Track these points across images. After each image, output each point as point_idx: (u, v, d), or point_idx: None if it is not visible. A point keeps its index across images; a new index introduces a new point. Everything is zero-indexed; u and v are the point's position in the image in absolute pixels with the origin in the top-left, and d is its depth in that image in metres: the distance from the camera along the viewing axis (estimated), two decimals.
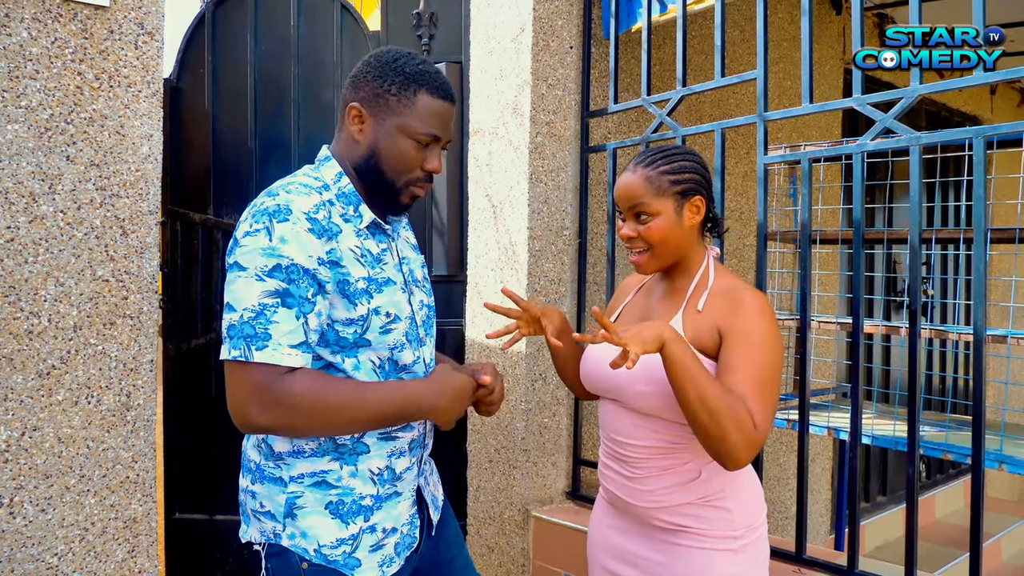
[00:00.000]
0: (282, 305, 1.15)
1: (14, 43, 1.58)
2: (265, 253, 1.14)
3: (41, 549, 1.62)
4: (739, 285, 1.45)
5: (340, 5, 2.61)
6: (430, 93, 1.26)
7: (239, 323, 1.14)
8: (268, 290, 1.14)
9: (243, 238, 1.17)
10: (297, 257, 1.15)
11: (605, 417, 1.55)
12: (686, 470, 1.43)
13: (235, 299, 1.15)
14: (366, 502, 1.27)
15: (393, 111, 1.26)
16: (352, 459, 1.27)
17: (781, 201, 3.15)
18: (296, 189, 1.21)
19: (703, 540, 1.41)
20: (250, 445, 1.32)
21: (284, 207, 1.17)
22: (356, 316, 1.22)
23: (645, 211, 1.43)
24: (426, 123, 1.26)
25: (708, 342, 1.40)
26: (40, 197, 1.62)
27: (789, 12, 3.45)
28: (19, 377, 1.59)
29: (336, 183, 1.28)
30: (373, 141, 1.27)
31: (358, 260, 1.24)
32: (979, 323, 1.59)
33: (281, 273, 1.14)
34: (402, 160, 1.27)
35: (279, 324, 1.14)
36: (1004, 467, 1.87)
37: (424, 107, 1.26)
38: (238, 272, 1.15)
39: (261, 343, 1.13)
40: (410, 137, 1.26)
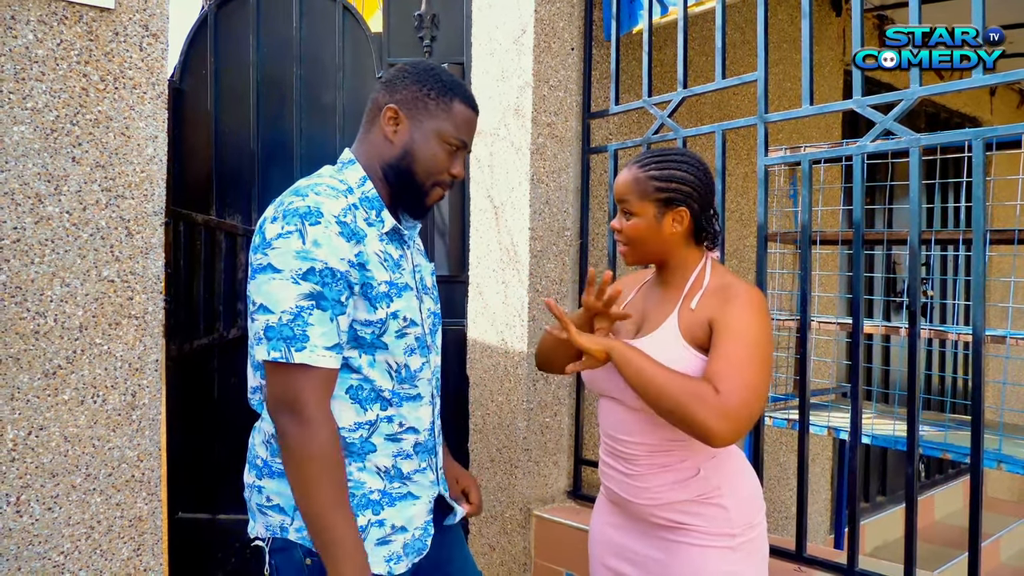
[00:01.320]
0: (317, 308, 1.18)
1: (20, 45, 1.60)
2: (299, 256, 1.17)
3: (47, 547, 1.63)
4: (735, 282, 1.46)
5: (342, 7, 2.62)
6: (464, 103, 1.34)
7: (278, 325, 1.17)
8: (304, 293, 1.17)
9: (275, 240, 1.19)
10: (330, 260, 1.18)
11: (604, 415, 1.56)
12: (684, 467, 1.44)
13: (272, 301, 1.18)
14: (375, 496, 1.29)
15: (431, 115, 1.32)
16: (360, 457, 1.29)
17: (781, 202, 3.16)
18: (325, 191, 1.24)
19: (701, 537, 1.42)
20: (258, 442, 1.34)
21: (315, 209, 1.20)
22: (375, 319, 1.25)
23: (628, 209, 1.48)
24: (459, 129, 1.33)
25: (701, 336, 1.42)
26: (46, 198, 1.63)
27: (789, 14, 3.46)
28: (25, 377, 1.60)
29: (360, 187, 1.31)
30: (408, 142, 1.32)
31: (381, 264, 1.27)
32: (978, 323, 1.60)
33: (315, 276, 1.17)
34: (434, 162, 1.32)
35: (315, 326, 1.18)
36: (1003, 466, 1.88)
37: (459, 114, 1.33)
38: (272, 274, 1.18)
39: (300, 344, 1.17)
40: (444, 141, 1.32)
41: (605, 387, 1.54)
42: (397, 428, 1.32)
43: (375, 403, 1.29)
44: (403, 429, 1.33)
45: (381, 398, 1.30)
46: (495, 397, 2.54)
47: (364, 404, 1.29)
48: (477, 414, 2.61)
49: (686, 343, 1.42)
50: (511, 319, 2.49)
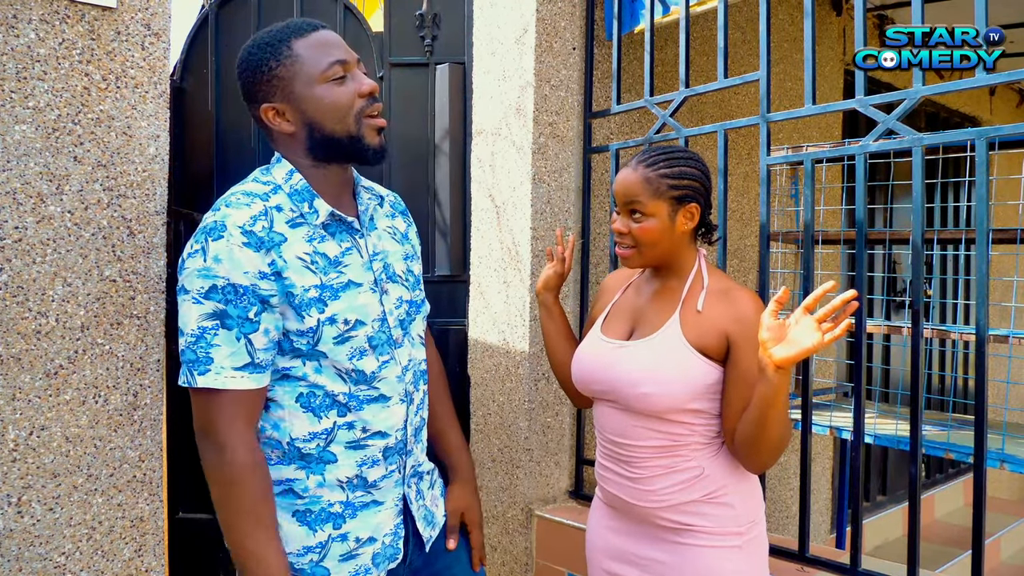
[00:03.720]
0: (221, 327, 1.13)
1: (22, 44, 1.59)
2: (200, 274, 1.13)
3: (49, 548, 1.62)
4: (734, 287, 1.46)
5: (343, 6, 2.62)
6: (299, 37, 1.23)
7: (185, 348, 1.15)
8: (206, 312, 1.13)
9: (186, 260, 1.16)
10: (232, 276, 1.12)
11: (601, 419, 1.54)
12: (689, 468, 1.43)
13: (181, 323, 1.16)
14: (335, 509, 1.23)
15: (290, 79, 1.21)
16: (319, 468, 1.22)
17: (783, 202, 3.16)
18: (236, 200, 1.18)
19: (710, 538, 1.42)
20: None
21: (220, 223, 1.14)
22: (305, 328, 1.18)
23: (640, 210, 1.45)
24: (321, 58, 1.21)
25: (714, 345, 1.41)
26: (48, 197, 1.63)
27: (789, 13, 3.46)
28: (27, 377, 1.60)
29: (287, 181, 1.24)
30: (303, 116, 1.22)
31: (307, 267, 1.18)
32: (981, 323, 1.60)
33: (217, 294, 1.12)
34: (335, 105, 1.20)
35: (221, 347, 1.13)
36: (1006, 466, 1.88)
37: (307, 50, 1.21)
38: (182, 296, 1.16)
39: (203, 367, 1.13)
40: (322, 82, 1.20)
41: (598, 390, 1.53)
42: (360, 434, 1.24)
43: (331, 409, 1.22)
44: (368, 434, 1.24)
45: (337, 403, 1.22)
46: (496, 397, 2.54)
47: (318, 412, 1.21)
48: (478, 414, 2.61)
49: (692, 348, 1.41)
50: (513, 319, 2.48)
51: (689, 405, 1.40)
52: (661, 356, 1.42)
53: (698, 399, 1.41)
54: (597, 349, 1.54)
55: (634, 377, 1.43)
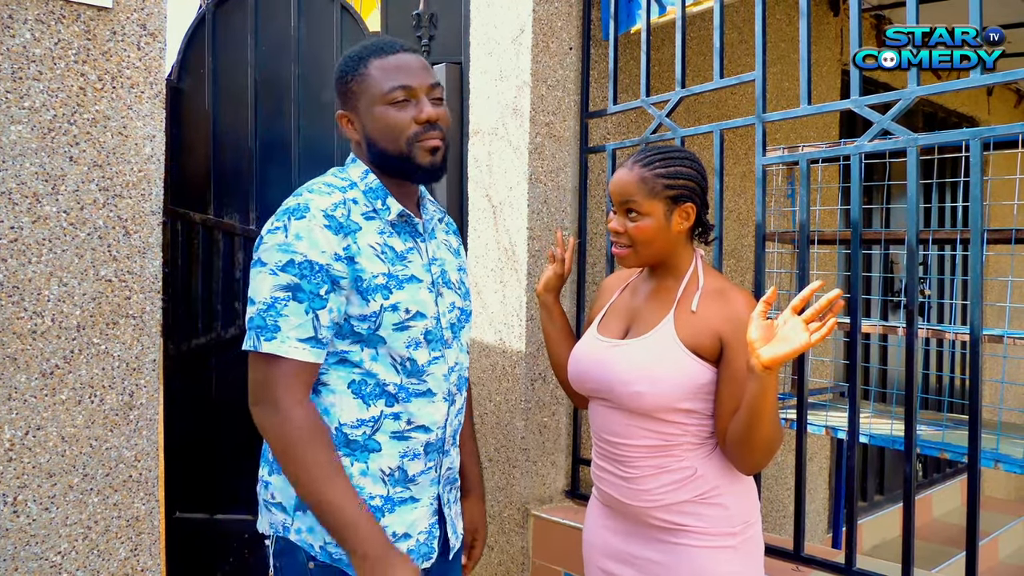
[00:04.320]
0: (293, 299, 1.18)
1: (17, 44, 1.59)
2: (280, 249, 1.19)
3: (45, 547, 1.63)
4: (729, 287, 1.47)
5: (340, 6, 2.62)
6: (377, 57, 1.29)
7: (254, 315, 1.19)
8: (280, 284, 1.18)
9: (266, 236, 1.22)
10: (310, 253, 1.19)
11: (596, 418, 1.55)
12: (682, 468, 1.44)
13: (253, 292, 1.20)
14: (375, 502, 1.26)
15: (358, 94, 1.29)
16: (364, 456, 1.26)
17: (779, 202, 3.16)
18: (318, 189, 1.26)
19: (703, 538, 1.42)
20: None
21: (303, 205, 1.21)
22: (368, 312, 1.24)
23: (635, 209, 1.45)
24: (387, 81, 1.27)
25: (708, 345, 1.41)
26: (43, 198, 1.63)
27: (787, 13, 3.46)
28: (23, 377, 1.60)
29: (363, 179, 1.32)
30: (364, 131, 1.30)
31: (377, 256, 1.26)
32: (976, 323, 1.61)
33: (294, 268, 1.18)
34: (389, 127, 1.27)
35: (288, 317, 1.18)
36: (1000, 466, 1.88)
37: (377, 71, 1.28)
38: (259, 268, 1.20)
39: (270, 334, 1.17)
40: (383, 104, 1.27)
41: (592, 388, 1.53)
42: (405, 425, 1.28)
43: (379, 398, 1.27)
44: (412, 427, 1.29)
45: (387, 393, 1.27)
46: (493, 397, 2.54)
47: (367, 399, 1.26)
48: (475, 414, 2.61)
49: (685, 348, 1.41)
50: (509, 318, 2.49)
51: (681, 405, 1.41)
52: (654, 355, 1.42)
53: (691, 399, 1.41)
54: (592, 348, 1.54)
55: (627, 376, 1.43)
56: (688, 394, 1.41)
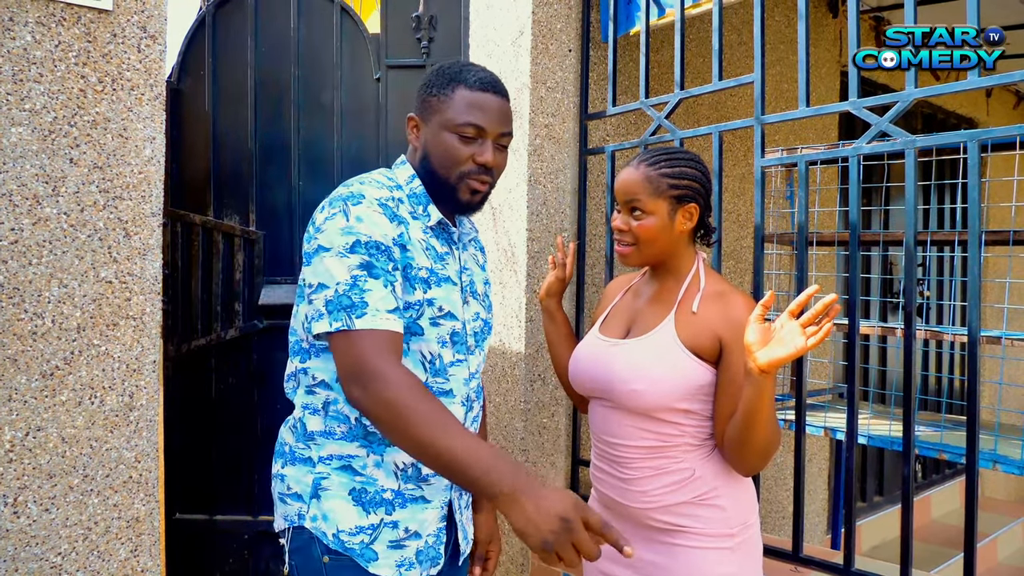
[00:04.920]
0: (370, 276, 1.19)
1: (18, 46, 1.60)
2: (344, 232, 1.20)
3: (45, 548, 1.63)
4: (730, 290, 1.48)
5: (340, 7, 2.63)
6: (467, 87, 1.31)
7: (335, 297, 1.18)
8: (354, 264, 1.19)
9: (323, 223, 1.23)
10: (374, 234, 1.21)
11: (595, 419, 1.56)
12: (680, 469, 1.44)
13: (326, 277, 1.20)
14: (387, 495, 1.28)
15: (435, 110, 1.32)
16: (380, 448, 1.28)
17: (778, 203, 3.17)
18: (370, 182, 1.30)
19: (701, 539, 1.43)
20: (286, 428, 1.36)
21: (358, 193, 1.25)
22: (414, 300, 1.26)
23: (640, 208, 1.47)
24: (463, 114, 1.30)
25: (707, 347, 1.42)
26: (44, 199, 1.63)
27: (786, 15, 3.47)
28: (23, 378, 1.60)
29: (408, 184, 1.35)
30: (424, 143, 1.34)
31: (423, 251, 1.30)
32: (974, 324, 1.61)
33: (362, 248, 1.20)
34: (448, 155, 1.31)
35: (372, 292, 1.18)
36: (998, 467, 1.89)
37: (461, 100, 1.30)
38: (323, 253, 1.21)
39: (360, 311, 1.17)
40: (451, 131, 1.30)
41: (592, 388, 1.54)
42: None
43: None
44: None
45: None
46: (492, 398, 2.55)
47: None
48: None
49: (685, 348, 1.42)
50: (509, 320, 2.49)
51: (679, 405, 1.41)
52: (653, 355, 1.43)
53: (689, 399, 1.42)
54: (592, 348, 1.55)
55: (625, 374, 1.44)
56: (687, 394, 1.41)
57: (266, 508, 2.59)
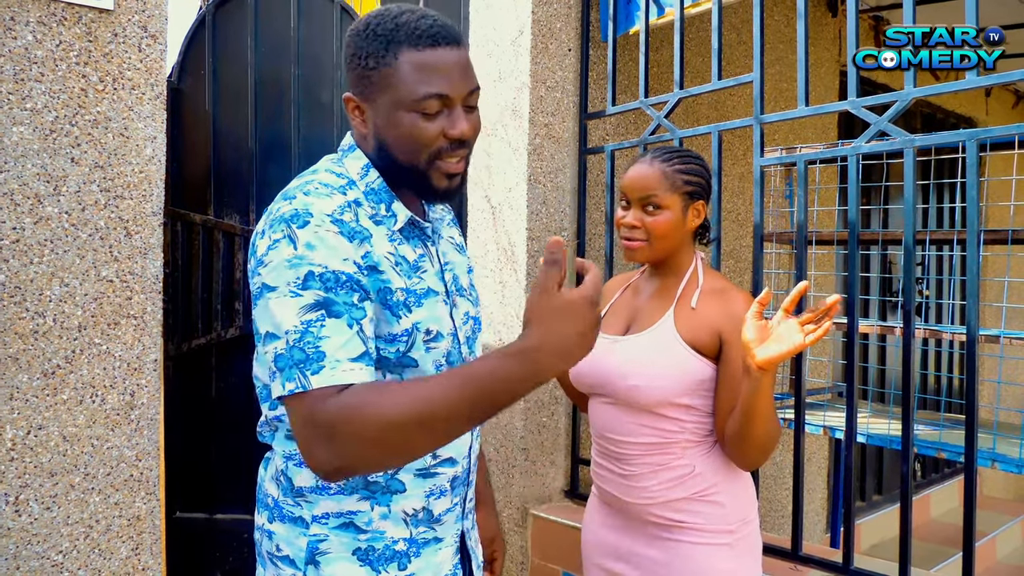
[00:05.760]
0: (329, 316, 0.94)
1: (19, 46, 1.60)
2: (291, 264, 0.95)
3: (46, 546, 1.63)
4: (729, 287, 1.50)
5: (340, 7, 2.63)
6: (413, 47, 1.00)
7: (286, 350, 0.93)
8: (306, 304, 0.94)
9: (266, 255, 0.98)
10: (330, 263, 0.96)
11: (596, 416, 1.56)
12: (680, 466, 1.45)
13: (273, 324, 0.96)
14: (399, 547, 1.10)
15: (379, 86, 1.03)
16: (385, 499, 1.09)
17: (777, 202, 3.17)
18: (315, 190, 1.02)
19: (700, 535, 1.44)
20: (267, 477, 1.15)
21: (304, 210, 0.98)
22: (399, 331, 1.04)
23: (656, 203, 1.48)
24: (419, 84, 1.00)
25: (707, 342, 1.43)
26: (45, 198, 1.64)
27: (785, 15, 3.47)
28: (24, 376, 1.61)
29: (363, 178, 1.09)
30: (376, 129, 1.06)
31: (393, 268, 1.05)
32: (972, 323, 1.62)
33: (316, 282, 0.95)
34: (411, 139, 1.03)
35: (330, 338, 0.94)
36: (997, 465, 1.89)
37: (409, 67, 1.00)
38: (268, 294, 0.96)
39: (316, 365, 0.92)
40: (409, 110, 1.02)
41: (592, 385, 1.55)
42: (430, 461, 1.11)
43: None
44: (438, 461, 1.12)
45: None
46: None
47: None
48: None
49: (685, 344, 1.43)
50: (508, 319, 2.49)
51: (679, 400, 1.42)
52: (653, 350, 1.44)
53: (689, 394, 1.43)
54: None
55: (624, 370, 1.45)
56: (687, 389, 1.42)
57: None
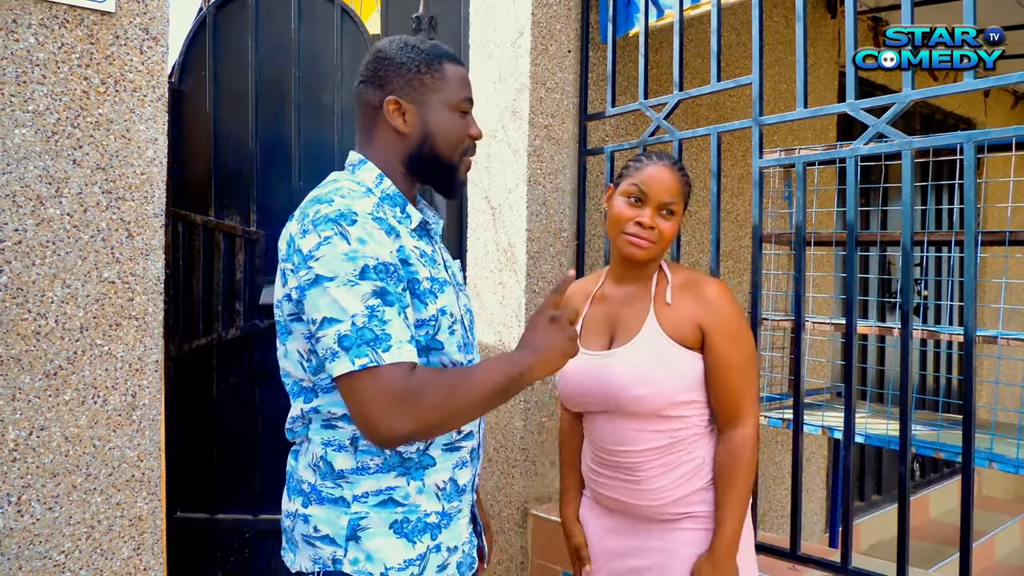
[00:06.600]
0: (384, 304, 1.09)
1: (22, 48, 1.61)
2: (348, 258, 1.09)
3: (48, 547, 1.64)
4: (697, 276, 1.54)
5: (340, 8, 2.64)
6: (452, 62, 1.28)
7: (353, 331, 1.07)
8: (367, 292, 1.08)
9: (316, 250, 1.10)
10: (381, 255, 1.11)
11: (596, 431, 1.56)
12: (689, 460, 1.49)
13: (336, 309, 1.08)
14: (432, 519, 1.21)
15: (431, 89, 1.25)
16: (419, 473, 1.21)
17: (776, 203, 3.18)
18: (349, 193, 1.16)
19: (708, 521, 1.47)
20: (302, 465, 1.23)
21: (347, 211, 1.12)
22: (427, 316, 1.18)
23: (673, 209, 1.51)
24: (462, 89, 1.27)
25: (689, 335, 1.47)
26: (47, 200, 1.64)
27: (784, 16, 3.48)
28: (27, 377, 1.62)
29: (378, 186, 1.24)
30: (422, 125, 1.25)
31: (419, 260, 1.20)
32: (969, 324, 1.62)
33: (371, 273, 1.09)
34: (454, 133, 1.26)
35: (392, 322, 1.09)
36: (994, 465, 1.90)
37: (454, 75, 1.27)
38: (326, 283, 1.09)
39: (386, 344, 1.07)
40: (454, 108, 1.26)
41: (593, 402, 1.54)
42: (455, 436, 1.24)
43: None
44: (462, 436, 1.26)
45: None
46: None
47: None
48: None
49: (674, 342, 1.46)
50: (508, 319, 2.50)
51: (682, 398, 1.46)
52: (647, 355, 1.46)
53: (690, 390, 1.46)
54: (583, 364, 1.55)
55: (625, 381, 1.45)
56: (688, 386, 1.46)
57: (267, 507, 2.60)
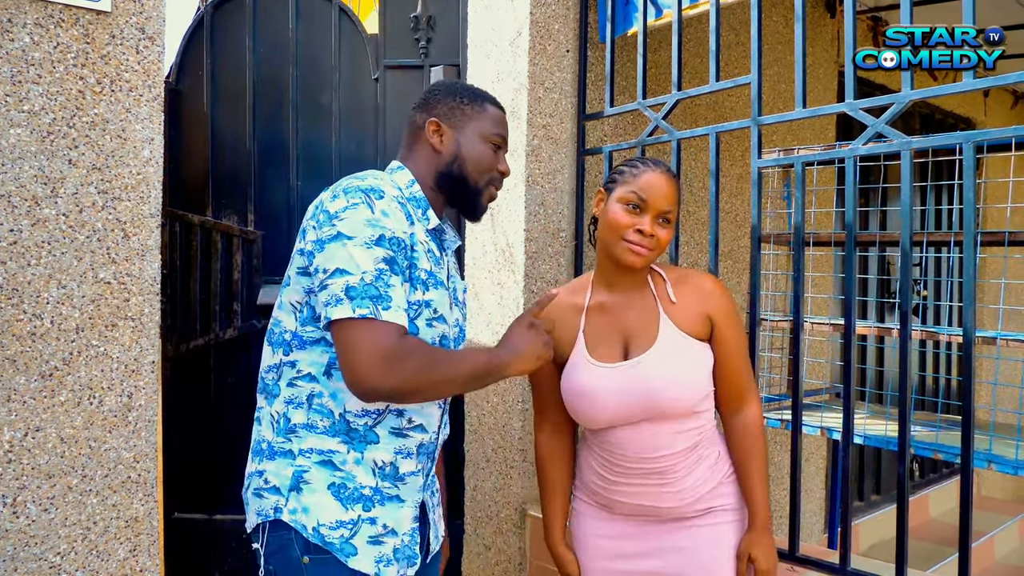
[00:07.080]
0: (391, 272, 1.23)
1: (17, 48, 1.60)
2: (370, 224, 1.23)
3: (44, 548, 1.64)
4: (689, 271, 1.57)
5: (338, 8, 2.63)
6: (494, 105, 1.47)
7: (361, 285, 1.20)
8: (379, 257, 1.22)
9: (343, 212, 1.24)
10: (397, 230, 1.26)
11: (622, 442, 1.51)
12: (709, 454, 1.52)
13: (348, 263, 1.21)
14: (366, 492, 1.30)
15: (470, 118, 1.43)
16: (361, 446, 1.31)
17: (775, 203, 3.17)
18: (381, 180, 1.32)
19: (726, 515, 1.53)
20: (264, 425, 1.35)
21: (377, 188, 1.28)
22: (413, 300, 1.30)
23: (669, 218, 1.52)
24: (497, 127, 1.44)
25: (700, 328, 1.50)
26: (43, 200, 1.64)
27: (784, 16, 3.47)
28: (22, 378, 1.61)
29: (408, 188, 1.39)
30: (455, 147, 1.41)
31: (425, 253, 1.34)
32: (968, 325, 1.62)
33: (385, 243, 1.24)
34: (483, 160, 1.42)
35: (395, 287, 1.23)
36: (993, 466, 1.89)
37: (493, 114, 1.45)
38: (345, 240, 1.22)
39: (386, 303, 1.21)
40: (486, 140, 1.42)
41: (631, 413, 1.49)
42: (405, 424, 1.34)
43: None
44: (412, 426, 1.35)
45: None
46: (490, 398, 2.55)
47: None
48: (472, 415, 2.62)
49: (690, 337, 1.49)
50: (507, 320, 2.50)
51: (707, 390, 1.50)
52: (674, 355, 1.48)
53: (710, 382, 1.51)
54: (609, 378, 1.50)
55: (662, 384, 1.45)
56: (708, 377, 1.50)
57: None
